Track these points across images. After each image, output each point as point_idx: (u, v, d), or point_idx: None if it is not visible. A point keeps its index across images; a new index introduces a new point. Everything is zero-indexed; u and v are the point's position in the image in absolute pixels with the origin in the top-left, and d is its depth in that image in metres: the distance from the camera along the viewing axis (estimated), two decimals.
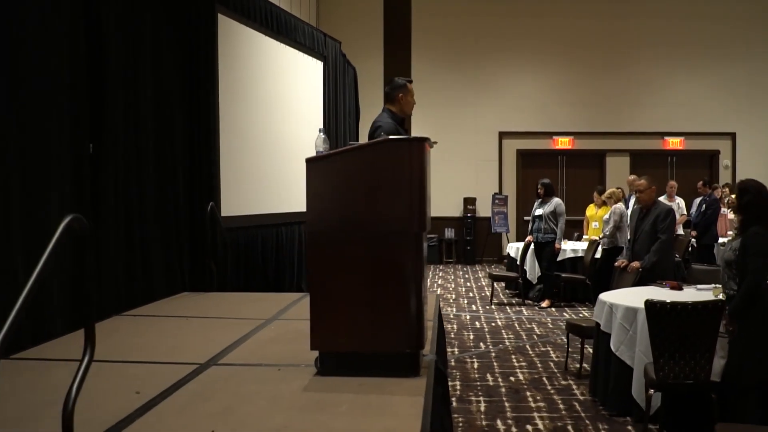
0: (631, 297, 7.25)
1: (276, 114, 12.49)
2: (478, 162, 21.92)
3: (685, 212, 16.89)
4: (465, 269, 20.19)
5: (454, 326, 11.75)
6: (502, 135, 22.11)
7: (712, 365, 6.06)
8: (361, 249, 5.04)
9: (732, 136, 22.12)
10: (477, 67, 21.99)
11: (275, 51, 13.18)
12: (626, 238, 13.34)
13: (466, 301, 14.40)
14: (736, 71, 21.93)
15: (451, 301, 14.47)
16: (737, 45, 21.91)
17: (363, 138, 19.66)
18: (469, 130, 21.95)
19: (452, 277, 18.50)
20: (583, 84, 21.98)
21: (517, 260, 14.50)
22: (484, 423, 6.91)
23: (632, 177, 16.18)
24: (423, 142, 5.11)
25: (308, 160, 5.17)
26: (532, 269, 14.11)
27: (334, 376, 5.02)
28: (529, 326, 11.70)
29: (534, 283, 14.15)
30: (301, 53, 14.84)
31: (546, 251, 13.54)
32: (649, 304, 6.06)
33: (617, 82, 21.98)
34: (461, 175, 21.83)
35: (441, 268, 20.71)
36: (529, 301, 14.05)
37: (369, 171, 5.06)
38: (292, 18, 14.41)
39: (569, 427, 6.77)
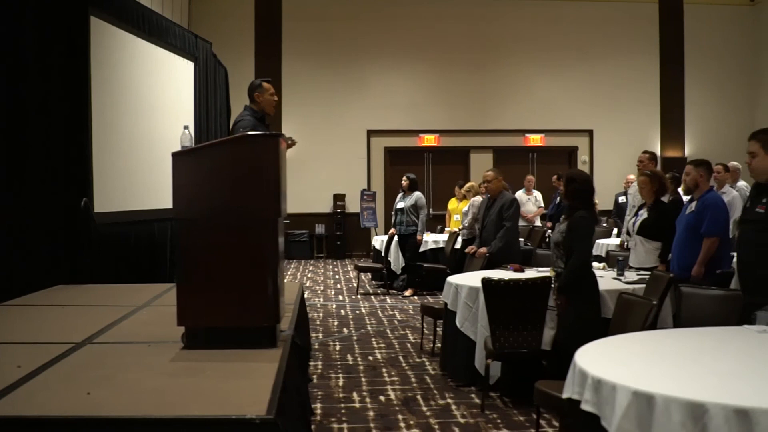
0: (474, 278, 7.94)
1: (147, 113, 12.87)
2: (348, 159, 22.57)
3: (542, 205, 17.85)
4: (335, 263, 20.80)
5: (320, 314, 12.34)
6: (371, 133, 22.79)
7: (543, 335, 6.80)
8: (223, 235, 5.61)
9: (589, 132, 23.24)
10: (347, 67, 22.60)
11: (147, 52, 13.54)
12: None
13: (333, 292, 15.02)
14: (594, 71, 23.04)
15: (319, 292, 15.07)
16: (596, 45, 23.04)
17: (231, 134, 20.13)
18: (339, 128, 22.55)
19: (322, 270, 19.09)
20: (449, 84, 22.80)
21: (382, 252, 15.15)
22: (341, 395, 7.54)
23: (488, 171, 17.04)
24: (277, 138, 5.71)
25: (174, 155, 5.71)
26: (396, 260, 14.78)
27: (200, 349, 5.56)
28: (391, 313, 12.38)
29: (398, 273, 14.83)
30: (172, 54, 15.21)
31: (408, 243, 14.25)
32: (486, 282, 6.78)
33: (481, 82, 22.87)
34: (331, 171, 22.43)
35: (312, 262, 21.28)
36: (394, 291, 14.72)
37: (230, 164, 5.65)
38: (164, 20, 14.77)
39: (418, 397, 7.45)
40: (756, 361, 4.20)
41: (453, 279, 8.17)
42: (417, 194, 14.30)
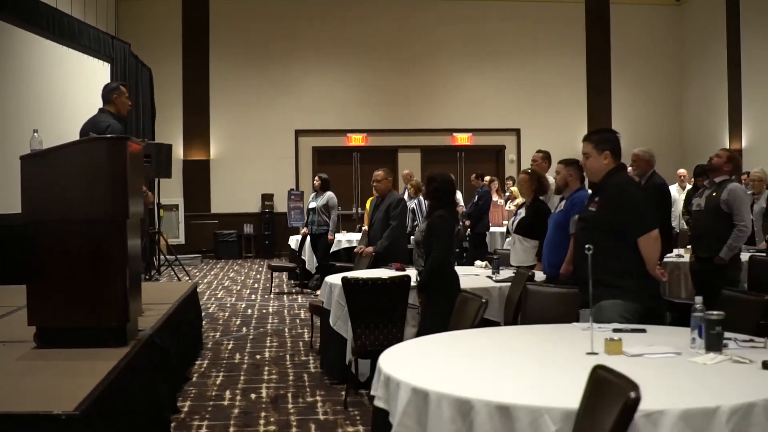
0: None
1: (55, 115, 12.89)
2: (276, 159, 22.65)
3: (462, 204, 18.01)
4: (262, 263, 20.87)
5: (226, 314, 12.43)
6: (299, 133, 22.90)
7: (404, 333, 6.96)
8: (71, 236, 5.73)
9: (517, 132, 23.51)
10: (275, 67, 22.68)
11: (57, 54, 13.59)
12: None
13: (248, 292, 15.11)
14: (521, 70, 23.31)
15: (235, 291, 15.14)
16: (523, 45, 23.31)
17: (159, 135, 20.17)
18: (267, 128, 22.63)
19: (246, 270, 19.17)
20: (377, 83, 22.96)
21: (297, 252, 15.26)
22: (214, 394, 7.64)
23: (407, 171, 17.26)
24: (125, 141, 5.83)
25: (23, 158, 5.81)
26: (311, 260, 14.90)
27: (51, 348, 5.67)
28: (297, 312, 12.49)
29: (312, 273, 14.95)
30: (85, 56, 15.25)
31: (321, 242, 14.38)
32: (345, 281, 6.93)
33: (409, 81, 23.04)
34: (259, 171, 22.49)
35: (239, 262, 21.34)
36: (309, 290, 14.83)
37: (78, 166, 5.77)
38: (77, 22, 14.81)
39: (289, 395, 7.57)
40: (536, 359, 4.31)
41: (330, 278, 8.30)
42: (329, 194, 14.43)
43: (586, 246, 4.63)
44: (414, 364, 4.25)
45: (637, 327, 5.03)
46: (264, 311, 12.68)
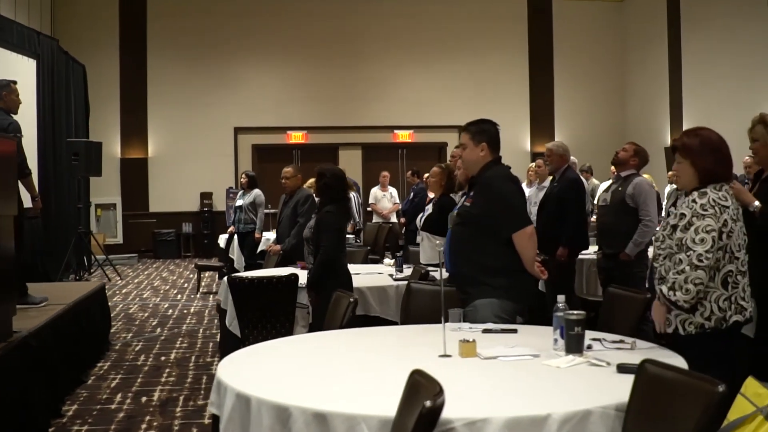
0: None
1: None
2: (215, 157, 22.31)
3: (398, 201, 17.80)
4: (200, 262, 20.49)
5: (146, 314, 12.13)
6: (238, 130, 22.59)
7: (294, 333, 6.71)
8: None
9: (459, 129, 23.28)
10: (213, 64, 22.35)
11: None
12: None
13: (176, 291, 14.80)
14: (463, 67, 23.11)
15: (162, 291, 14.84)
16: (466, 42, 23.11)
17: (95, 133, 19.81)
18: (206, 125, 22.29)
19: (181, 270, 18.83)
20: (318, 80, 22.69)
21: (228, 251, 14.97)
22: (105, 397, 7.35)
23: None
24: None
25: None
26: (239, 259, 14.60)
27: None
28: (216, 313, 12.19)
29: (241, 272, 14.64)
30: (9, 52, 14.87)
31: (248, 241, 14.08)
32: (230, 280, 6.68)
33: (350, 78, 22.79)
34: (198, 170, 22.14)
35: (176, 262, 20.99)
36: None
37: None
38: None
39: (181, 398, 7.30)
40: (382, 363, 4.08)
41: (227, 278, 8.02)
42: (256, 192, 14.13)
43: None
44: (248, 367, 4.00)
45: (508, 327, 4.81)
46: (185, 311, 12.39)
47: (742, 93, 17.23)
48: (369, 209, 18.23)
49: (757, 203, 5.35)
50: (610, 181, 9.00)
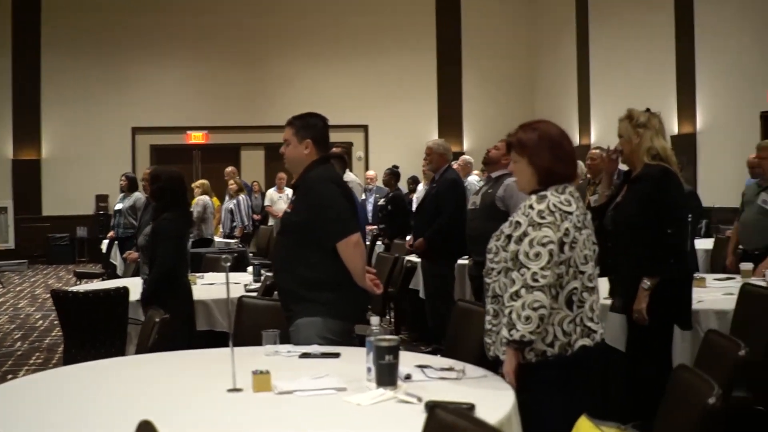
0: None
1: None
2: (111, 158, 21.36)
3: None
4: (94, 268, 19.63)
5: (13, 326, 11.50)
6: (136, 130, 21.78)
7: (126, 351, 6.05)
8: None
9: (365, 128, 22.76)
10: (110, 63, 21.48)
11: None
12: (211, 230, 13.41)
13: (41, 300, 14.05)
14: (369, 65, 22.54)
15: (40, 300, 14.09)
16: (372, 39, 22.52)
17: None
18: (103, 126, 21.41)
19: (70, 276, 17.92)
20: (218, 78, 21.95)
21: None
22: None
23: (230, 168, 16.40)
24: None
25: None
26: (122, 265, 13.84)
27: None
28: None
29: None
30: None
31: (128, 247, 13.30)
32: (54, 293, 5.99)
33: (252, 76, 22.10)
34: (94, 171, 21.22)
35: (69, 267, 19.99)
36: None
37: None
38: None
39: None
40: (161, 398, 3.48)
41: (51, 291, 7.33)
42: (136, 195, 13.36)
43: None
44: None
45: (330, 351, 4.20)
46: (55, 323, 11.55)
47: (648, 88, 16.94)
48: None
49: None
50: (481, 183, 8.46)
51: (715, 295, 6.09)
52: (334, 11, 22.33)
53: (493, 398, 3.34)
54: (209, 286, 7.13)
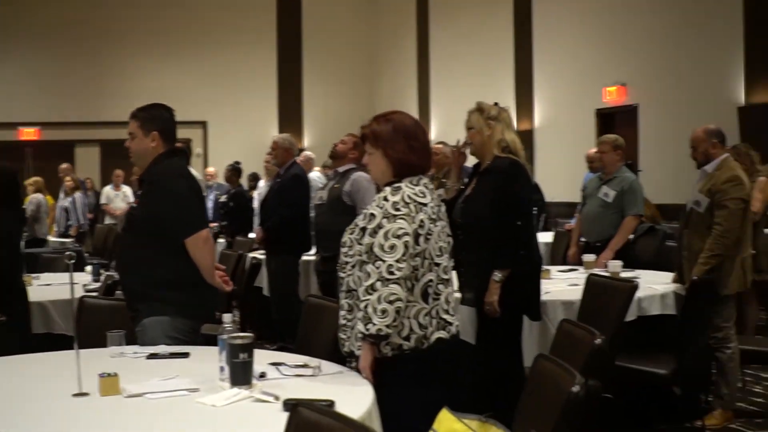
0: None
1: None
2: None
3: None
4: None
5: None
6: None
7: None
8: None
9: (203, 124, 22.40)
10: None
11: None
12: (45, 230, 12.90)
13: None
14: (209, 61, 22.16)
15: None
16: (210, 35, 22.13)
17: None
18: None
19: None
20: (52, 72, 21.27)
21: None
22: None
23: (65, 165, 15.94)
24: None
25: None
26: None
27: None
28: None
29: None
30: None
31: None
32: None
33: (88, 71, 21.43)
34: None
35: None
36: None
37: None
38: None
39: None
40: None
41: None
42: None
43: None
44: None
45: (179, 351, 4.03)
46: None
47: (487, 85, 17.24)
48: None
49: None
50: (323, 179, 8.37)
51: (560, 286, 6.21)
52: (171, 5, 21.89)
53: (352, 394, 3.26)
54: (45, 287, 6.81)
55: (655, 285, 6.04)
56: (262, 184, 12.38)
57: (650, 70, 14.20)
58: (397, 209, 3.55)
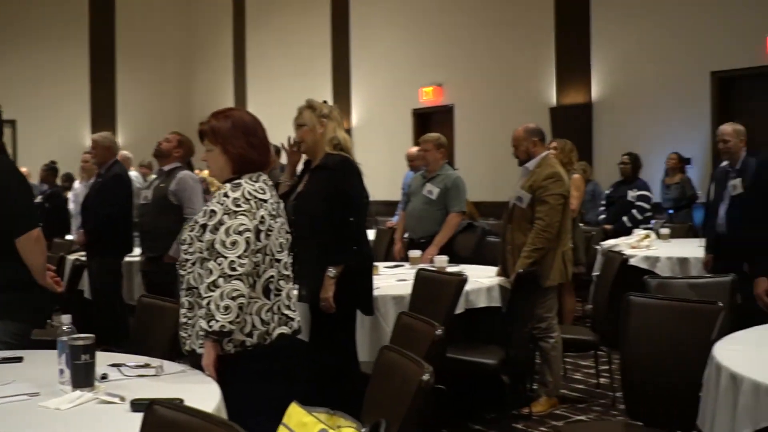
0: None
1: None
2: None
3: None
4: None
5: None
6: None
7: None
8: None
9: (12, 123, 21.54)
10: None
11: None
12: None
13: None
14: (19, 60, 21.38)
15: None
16: (17, 34, 21.35)
17: None
18: None
19: None
20: None
21: None
22: None
23: None
24: None
25: None
26: None
27: None
28: None
29: None
30: None
31: None
32: None
33: None
34: None
35: None
36: None
37: None
38: None
39: None
40: None
41: None
42: None
43: None
44: None
45: (12, 356, 3.90)
46: None
47: (303, 86, 17.25)
48: None
49: None
50: (140, 179, 8.19)
51: (389, 281, 6.32)
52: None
53: (199, 392, 3.23)
54: None
55: (480, 279, 6.22)
56: (77, 184, 12.05)
57: (465, 72, 14.60)
58: (238, 205, 3.55)
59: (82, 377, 3.25)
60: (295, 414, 3.04)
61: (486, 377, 5.82)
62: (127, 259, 8.01)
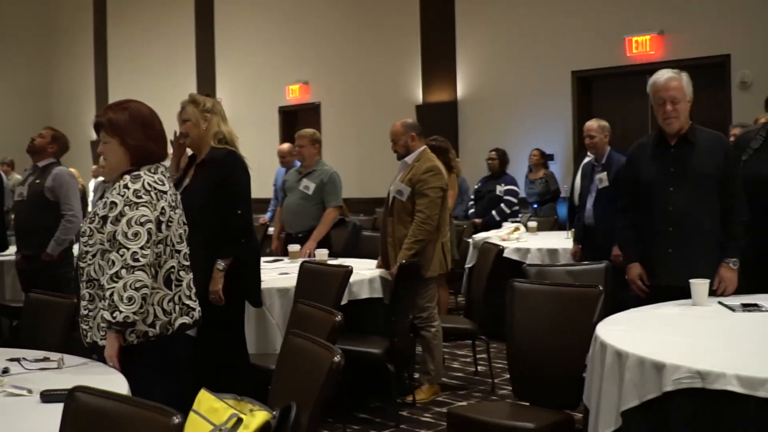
0: None
1: None
2: None
3: None
4: None
5: None
6: None
7: None
8: None
9: None
10: None
11: None
12: None
13: None
14: None
15: None
16: None
17: None
18: None
19: None
20: None
21: None
22: None
23: None
24: None
25: None
26: None
27: None
28: None
29: None
30: None
31: None
32: None
33: None
34: None
35: None
36: None
37: None
38: None
39: None
40: None
41: None
42: None
43: None
44: None
45: None
46: None
47: (167, 82, 17.16)
48: None
49: None
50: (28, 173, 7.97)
51: (272, 275, 6.36)
52: None
53: (106, 384, 3.20)
54: None
55: (362, 271, 6.31)
56: None
57: (332, 70, 14.71)
58: (139, 197, 3.57)
59: None
60: (205, 400, 3.10)
61: (370, 366, 5.92)
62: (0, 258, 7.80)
